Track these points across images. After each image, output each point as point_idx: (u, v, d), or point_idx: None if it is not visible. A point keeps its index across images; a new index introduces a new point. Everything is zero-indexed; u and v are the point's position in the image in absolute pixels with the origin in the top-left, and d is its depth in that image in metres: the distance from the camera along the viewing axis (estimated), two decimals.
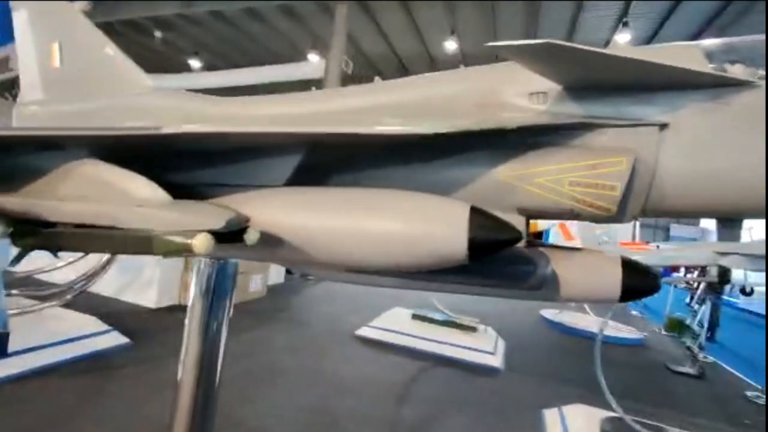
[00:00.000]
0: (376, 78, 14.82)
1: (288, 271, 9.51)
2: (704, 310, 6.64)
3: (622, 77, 0.94)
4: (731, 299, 12.57)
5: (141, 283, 5.82)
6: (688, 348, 6.68)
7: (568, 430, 3.68)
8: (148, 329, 5.01)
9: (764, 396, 5.69)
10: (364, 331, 5.85)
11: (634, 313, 10.64)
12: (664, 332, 9.22)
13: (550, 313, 8.76)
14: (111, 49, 1.73)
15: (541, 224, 10.37)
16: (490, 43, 0.92)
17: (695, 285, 6.80)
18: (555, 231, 10.84)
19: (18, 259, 1.25)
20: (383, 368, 4.91)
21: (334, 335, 5.75)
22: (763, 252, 5.48)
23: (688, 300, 10.49)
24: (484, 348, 5.71)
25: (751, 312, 10.00)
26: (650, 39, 12.18)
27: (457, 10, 12.84)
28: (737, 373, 6.87)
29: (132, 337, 4.58)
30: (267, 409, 3.68)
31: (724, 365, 7.15)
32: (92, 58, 1.71)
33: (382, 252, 0.97)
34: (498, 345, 5.99)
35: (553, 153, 1.01)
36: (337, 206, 1.03)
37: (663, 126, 0.94)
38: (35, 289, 4.91)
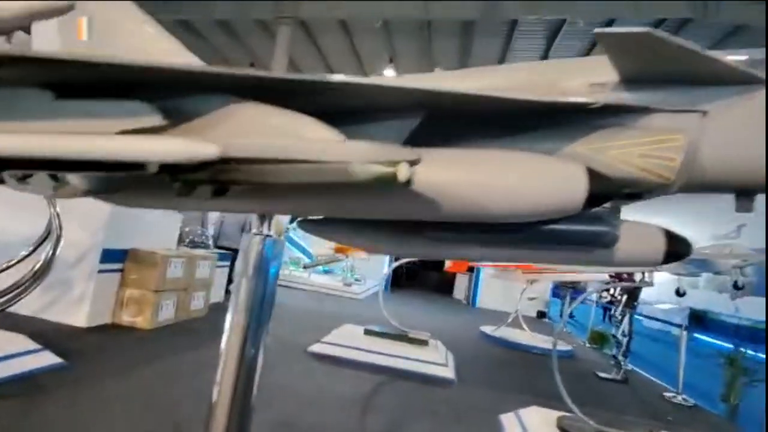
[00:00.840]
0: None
1: (228, 291, 9.07)
2: (626, 322, 7.34)
3: (684, 69, 1.14)
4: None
5: (69, 300, 5.27)
6: (614, 356, 7.32)
7: (527, 430, 3.88)
8: (81, 349, 4.54)
9: (679, 396, 6.38)
10: (318, 347, 5.75)
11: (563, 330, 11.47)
12: (588, 345, 10.03)
13: (488, 329, 9.17)
14: (150, 27, 1.67)
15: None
16: (597, 30, 1.09)
17: (618, 297, 7.51)
18: None
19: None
20: (341, 382, 4.85)
21: (285, 352, 5.57)
22: (701, 257, 6.28)
23: (603, 314, 11.50)
24: (437, 360, 5.84)
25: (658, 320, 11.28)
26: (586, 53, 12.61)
27: (395, 39, 13.46)
28: (653, 378, 7.65)
29: (65, 358, 4.13)
30: None
31: (640, 371, 7.91)
32: (125, 32, 1.64)
33: (519, 203, 1.09)
34: (448, 357, 6.16)
35: (622, 131, 1.20)
36: (476, 163, 1.14)
37: (704, 113, 1.16)
38: None
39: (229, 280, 9.15)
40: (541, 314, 14.71)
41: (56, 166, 1.10)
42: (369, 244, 1.74)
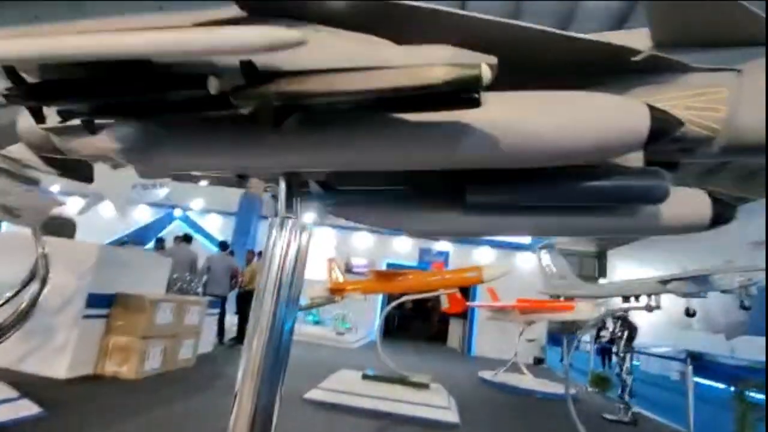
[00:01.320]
0: None
1: (220, 342, 8.70)
2: (629, 360, 7.18)
3: (725, 27, 1.18)
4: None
5: (49, 349, 4.96)
6: (620, 397, 7.07)
7: None
8: (61, 399, 4.21)
9: None
10: (314, 394, 5.44)
11: (560, 374, 11.13)
12: (589, 389, 9.71)
13: (488, 374, 8.87)
14: None
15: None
16: None
17: (619, 334, 7.38)
18: (483, 293, 11.33)
19: None
20: (342, 430, 4.55)
21: (282, 400, 5.26)
22: (706, 273, 6.23)
23: (602, 360, 11.24)
24: (439, 404, 5.57)
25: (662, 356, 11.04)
26: None
27: None
28: (662, 420, 7.37)
29: (45, 408, 3.82)
30: None
31: (646, 412, 7.63)
32: None
33: (586, 135, 1.07)
34: (451, 401, 5.88)
35: (666, 87, 1.24)
36: (542, 99, 1.14)
37: (739, 71, 1.20)
38: None
39: (220, 328, 8.81)
40: (539, 360, 14.35)
41: (108, 88, 1.05)
42: (407, 223, 1.68)
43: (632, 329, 7.71)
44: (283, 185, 1.57)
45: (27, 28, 1.03)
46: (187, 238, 9.49)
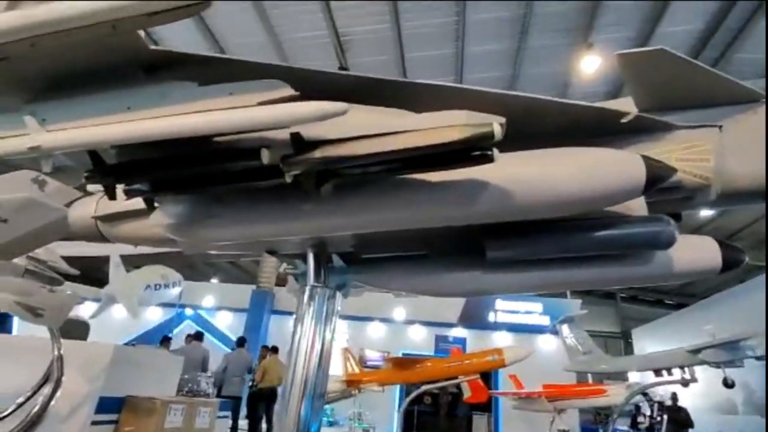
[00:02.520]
0: None
1: None
2: None
3: (699, 90, 1.32)
4: None
5: None
6: None
7: None
8: None
9: None
10: None
11: None
12: None
13: None
14: None
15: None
16: (617, 52, 1.30)
17: (657, 418, 6.85)
18: (507, 379, 10.73)
19: None
20: None
21: None
22: (740, 337, 5.86)
23: None
24: None
25: None
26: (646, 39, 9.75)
27: None
28: None
29: None
30: None
31: None
32: None
33: (588, 185, 1.16)
34: None
35: (655, 143, 1.35)
36: (545, 156, 1.24)
37: (720, 127, 1.32)
38: None
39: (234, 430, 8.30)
40: None
41: (175, 166, 1.19)
42: (429, 285, 1.72)
43: (677, 411, 7.14)
44: (311, 257, 1.67)
45: (116, 116, 1.21)
46: (198, 336, 9.36)
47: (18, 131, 1.24)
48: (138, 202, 1.64)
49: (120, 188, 1.51)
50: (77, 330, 6.40)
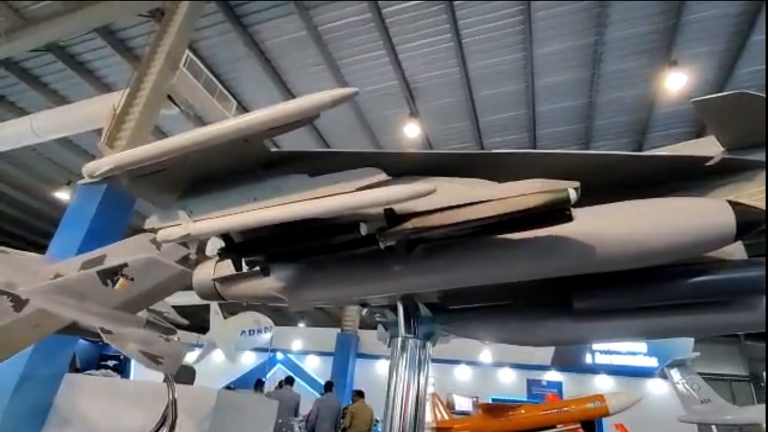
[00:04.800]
0: None
1: None
2: None
3: None
4: None
5: None
6: None
7: None
8: None
9: None
10: None
11: None
12: None
13: None
14: None
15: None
16: (693, 99, 1.29)
17: None
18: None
19: None
20: None
21: None
22: None
23: None
24: None
25: None
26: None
27: None
28: None
29: None
30: None
31: None
32: None
33: (674, 237, 1.16)
34: None
35: (745, 183, 1.30)
36: (628, 208, 1.26)
37: None
38: None
39: None
40: None
41: (289, 241, 1.41)
42: (515, 335, 1.72)
43: None
44: (401, 309, 1.76)
45: (245, 206, 1.49)
46: (290, 381, 9.71)
47: (173, 222, 1.56)
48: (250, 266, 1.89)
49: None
50: (185, 375, 6.98)
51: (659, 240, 1.19)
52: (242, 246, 1.69)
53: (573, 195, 1.16)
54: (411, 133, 10.76)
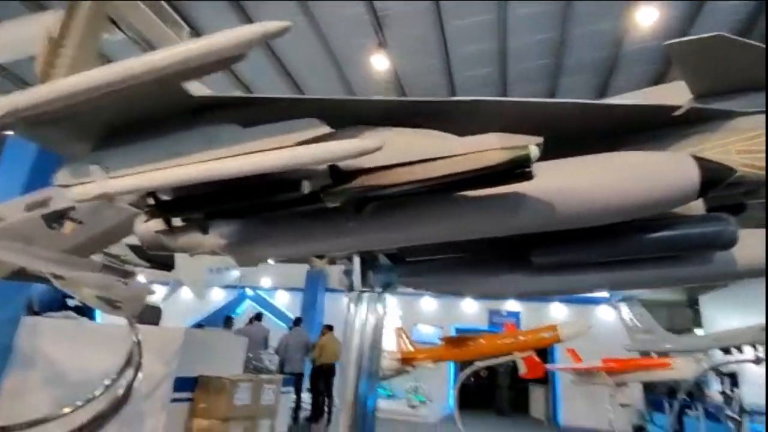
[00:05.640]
0: None
1: (295, 419, 8.66)
2: (746, 424, 6.24)
3: (755, 70, 1.20)
4: None
5: None
6: None
7: None
8: None
9: None
10: None
11: None
12: None
13: None
14: None
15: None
16: (666, 42, 1.20)
17: (731, 393, 6.49)
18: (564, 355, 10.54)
19: None
20: None
21: None
22: None
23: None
24: None
25: None
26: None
27: None
28: None
29: None
30: None
31: None
32: None
33: (636, 195, 1.11)
34: None
35: (713, 134, 1.24)
36: (589, 163, 1.20)
37: None
38: None
39: (297, 407, 8.83)
40: (638, 429, 12.75)
41: (224, 199, 1.29)
42: (476, 287, 1.73)
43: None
44: (357, 262, 1.71)
45: (170, 161, 1.32)
46: (258, 317, 9.90)
47: (87, 178, 1.38)
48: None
49: None
50: (151, 314, 6.94)
51: (621, 198, 1.16)
52: (170, 204, 1.54)
53: (535, 152, 1.08)
54: (379, 65, 10.28)
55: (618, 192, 1.15)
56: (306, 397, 9.31)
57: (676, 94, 1.33)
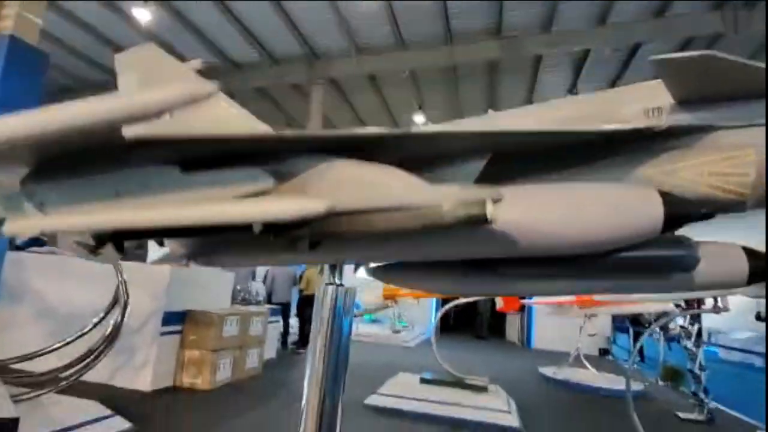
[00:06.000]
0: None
1: (283, 344, 9.17)
2: (701, 353, 6.77)
3: (745, 86, 1.14)
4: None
5: (135, 365, 5.47)
6: (694, 393, 6.71)
7: None
8: (147, 413, 4.66)
9: None
10: (374, 400, 5.62)
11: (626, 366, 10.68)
12: (660, 382, 9.26)
13: (549, 370, 8.70)
14: (221, 97, 1.86)
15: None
16: (652, 57, 1.12)
17: (689, 327, 6.97)
18: None
19: None
20: None
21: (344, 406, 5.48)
22: None
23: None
24: (499, 407, 5.57)
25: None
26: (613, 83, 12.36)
27: (422, 86, 13.89)
28: (741, 416, 6.92)
29: (134, 422, 4.24)
30: None
31: (724, 409, 7.19)
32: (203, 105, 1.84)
33: (598, 232, 1.11)
34: (511, 404, 5.86)
35: (689, 151, 1.20)
36: (550, 196, 1.17)
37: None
38: (18, 376, 4.51)
39: (284, 334, 9.31)
40: (604, 351, 13.83)
41: (173, 234, 1.23)
42: (441, 286, 1.76)
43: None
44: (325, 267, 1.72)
45: (107, 202, 1.23)
46: None
47: (19, 212, 1.29)
48: None
49: None
50: (137, 253, 6.96)
51: (583, 234, 1.14)
52: (116, 236, 1.47)
53: (491, 211, 1.04)
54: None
55: (580, 227, 1.13)
56: (294, 322, 9.76)
57: (656, 93, 1.26)
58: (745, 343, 12.24)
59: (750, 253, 1.32)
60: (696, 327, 6.97)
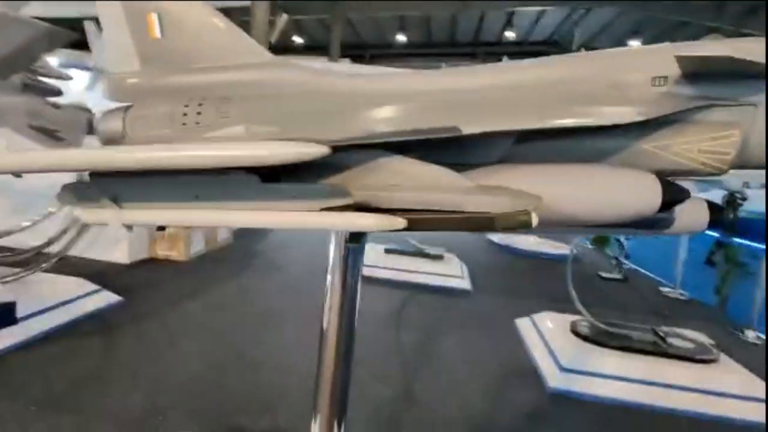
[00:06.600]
0: None
1: None
2: None
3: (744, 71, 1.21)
4: None
5: (109, 239, 5.58)
6: (615, 257, 7.84)
7: (542, 333, 4.37)
8: (132, 285, 4.95)
9: (675, 290, 6.97)
10: None
11: None
12: (590, 246, 10.59)
13: (496, 237, 9.63)
14: (219, 20, 1.67)
15: None
16: (677, 54, 1.16)
17: None
18: None
19: None
20: (372, 300, 5.29)
21: (313, 276, 5.96)
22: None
23: None
24: (453, 273, 6.32)
25: None
26: None
27: None
28: (651, 275, 8.25)
29: (122, 295, 4.54)
30: (278, 349, 3.91)
31: (639, 269, 8.50)
32: (197, 28, 1.65)
33: (603, 212, 1.25)
34: (463, 269, 6.63)
35: (685, 127, 1.29)
36: (567, 177, 1.28)
37: (755, 106, 1.25)
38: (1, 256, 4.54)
39: None
40: None
41: None
42: None
43: None
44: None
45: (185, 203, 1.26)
46: None
47: (92, 203, 1.29)
48: None
49: None
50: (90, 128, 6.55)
51: (585, 212, 1.25)
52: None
53: (535, 221, 1.15)
54: None
55: (583, 206, 1.24)
56: None
57: (663, 57, 1.28)
58: None
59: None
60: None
